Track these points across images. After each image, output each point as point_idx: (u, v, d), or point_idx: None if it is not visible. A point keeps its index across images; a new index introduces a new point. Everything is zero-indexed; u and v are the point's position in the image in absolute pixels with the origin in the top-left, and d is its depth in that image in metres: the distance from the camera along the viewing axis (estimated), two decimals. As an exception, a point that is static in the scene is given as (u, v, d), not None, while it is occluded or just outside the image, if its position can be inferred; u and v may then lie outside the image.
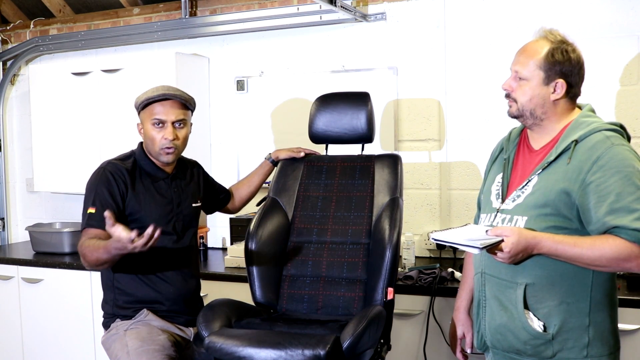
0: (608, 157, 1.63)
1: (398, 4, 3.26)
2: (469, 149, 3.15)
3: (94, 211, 2.15)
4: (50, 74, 3.79)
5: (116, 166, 2.22)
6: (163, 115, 2.20)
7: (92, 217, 2.15)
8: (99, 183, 2.19)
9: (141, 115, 2.26)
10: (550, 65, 1.72)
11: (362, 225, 2.39)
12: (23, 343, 3.54)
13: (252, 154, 3.50)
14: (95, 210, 2.14)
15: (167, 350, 2.13)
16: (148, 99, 2.21)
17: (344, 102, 2.52)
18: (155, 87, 2.25)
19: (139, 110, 2.26)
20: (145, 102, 2.21)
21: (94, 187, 2.20)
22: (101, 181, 2.19)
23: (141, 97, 2.23)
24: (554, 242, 1.63)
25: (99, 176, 2.21)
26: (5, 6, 4.14)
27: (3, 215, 4.25)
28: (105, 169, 2.22)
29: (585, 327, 1.69)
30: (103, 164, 2.25)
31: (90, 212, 2.16)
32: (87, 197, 2.21)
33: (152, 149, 2.24)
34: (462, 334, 2.04)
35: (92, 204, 2.16)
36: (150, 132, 2.22)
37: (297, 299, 2.35)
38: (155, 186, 2.26)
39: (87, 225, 2.15)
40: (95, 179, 2.21)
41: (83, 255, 2.10)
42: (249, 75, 3.57)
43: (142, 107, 2.23)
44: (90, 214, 2.15)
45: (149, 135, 2.22)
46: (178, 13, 3.73)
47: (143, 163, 2.27)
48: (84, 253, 2.09)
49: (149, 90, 2.24)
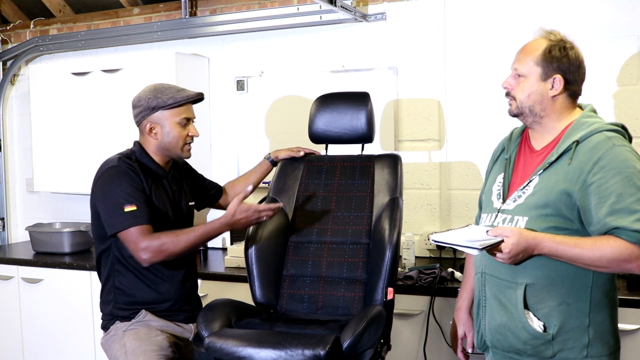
0: (609, 158, 1.63)
1: (398, 4, 3.26)
2: (469, 149, 3.15)
3: (134, 208, 2.11)
4: (50, 74, 3.79)
5: (128, 163, 2.20)
6: (190, 113, 2.26)
7: (136, 215, 2.10)
8: (123, 180, 2.15)
9: (160, 115, 2.21)
10: (548, 62, 1.73)
11: (362, 225, 2.39)
12: (23, 343, 3.54)
13: (252, 154, 3.50)
14: (136, 207, 2.11)
15: (164, 351, 2.13)
16: (186, 98, 2.21)
17: (344, 102, 2.52)
18: (167, 86, 2.24)
19: (159, 109, 2.21)
20: (181, 101, 2.20)
21: (118, 186, 2.14)
22: (124, 177, 2.16)
23: (164, 98, 2.20)
24: (554, 243, 1.63)
25: (119, 174, 2.17)
26: (5, 6, 4.14)
27: (3, 215, 4.25)
28: (119, 167, 2.18)
29: (585, 328, 1.69)
30: (111, 163, 2.20)
31: (132, 210, 2.10)
32: (113, 197, 2.13)
33: (174, 146, 2.24)
34: (463, 334, 2.04)
35: (128, 202, 2.11)
36: (174, 130, 2.22)
37: (297, 299, 2.35)
38: (158, 184, 2.26)
39: (135, 223, 2.10)
40: (116, 177, 2.16)
41: (163, 251, 2.08)
42: (249, 75, 3.57)
43: (169, 107, 2.21)
44: (133, 211, 2.10)
45: (174, 134, 2.22)
46: (178, 13, 3.73)
47: (145, 161, 2.26)
48: (164, 249, 2.08)
49: (170, 90, 2.22)
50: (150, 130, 2.23)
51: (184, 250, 2.14)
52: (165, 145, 2.25)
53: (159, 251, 2.09)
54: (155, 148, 2.26)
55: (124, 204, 2.11)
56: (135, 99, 2.26)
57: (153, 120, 2.22)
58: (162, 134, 2.23)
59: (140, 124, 2.26)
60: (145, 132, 2.25)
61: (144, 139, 2.28)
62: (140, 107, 2.23)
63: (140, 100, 2.23)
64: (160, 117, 2.22)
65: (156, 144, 2.25)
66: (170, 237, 2.11)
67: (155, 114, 2.21)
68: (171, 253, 2.11)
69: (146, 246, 2.08)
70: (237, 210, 2.13)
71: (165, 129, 2.22)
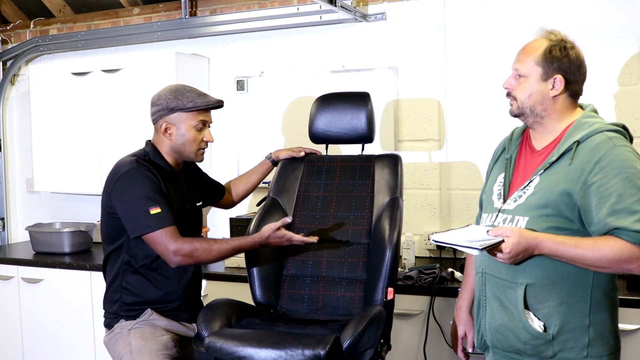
0: (610, 158, 1.63)
1: (398, 4, 3.26)
2: (469, 149, 3.15)
3: (159, 210, 2.10)
4: (50, 74, 3.79)
5: (145, 165, 2.19)
6: (208, 118, 2.27)
7: (162, 217, 2.10)
8: (145, 182, 2.14)
9: (178, 117, 2.20)
10: (548, 62, 1.73)
11: (362, 225, 2.39)
12: (23, 343, 3.54)
13: (252, 154, 3.50)
14: (161, 209, 2.11)
15: (169, 350, 2.13)
16: (206, 104, 2.21)
17: (344, 102, 2.52)
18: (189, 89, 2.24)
19: (178, 111, 2.20)
20: (201, 106, 2.21)
21: (141, 188, 2.13)
22: (146, 180, 2.14)
23: (184, 100, 2.19)
24: (554, 243, 1.63)
25: (140, 176, 2.15)
26: (5, 6, 4.14)
27: (3, 215, 4.25)
28: (138, 168, 2.16)
29: (585, 328, 1.69)
30: (131, 165, 2.18)
31: (157, 212, 2.09)
32: (137, 199, 2.11)
33: (187, 149, 2.24)
34: (464, 334, 2.03)
35: (153, 205, 2.10)
36: (190, 133, 2.22)
37: (297, 299, 2.35)
38: (171, 185, 2.26)
39: (162, 225, 2.09)
40: (137, 179, 2.14)
41: (195, 257, 2.10)
42: (249, 75, 3.57)
43: (188, 110, 2.20)
44: (158, 213, 2.10)
45: (189, 137, 2.22)
46: (178, 13, 3.73)
47: (158, 161, 2.25)
48: (195, 255, 2.10)
49: (191, 93, 2.22)
50: (165, 130, 2.22)
51: (215, 260, 2.18)
52: (178, 147, 2.24)
53: (190, 256, 2.10)
54: (168, 149, 2.25)
55: (149, 206, 2.10)
56: (155, 96, 2.25)
57: (170, 120, 2.21)
58: (176, 136, 2.22)
59: (156, 122, 2.25)
60: (160, 131, 2.24)
61: (158, 138, 2.27)
62: (159, 106, 2.22)
63: (160, 99, 2.22)
64: (177, 119, 2.21)
65: (169, 144, 2.24)
66: (202, 245, 2.13)
67: (173, 115, 2.21)
68: (202, 260, 2.14)
69: (177, 249, 2.08)
70: (272, 235, 2.18)
71: (181, 131, 2.22)
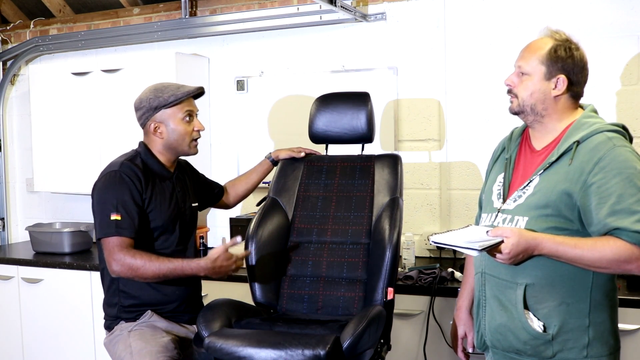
0: (610, 158, 1.63)
1: (398, 4, 3.26)
2: (469, 149, 3.15)
3: (119, 218, 2.10)
4: (50, 74, 3.79)
5: (129, 167, 2.18)
6: (193, 107, 2.27)
7: (119, 225, 2.09)
8: (117, 187, 2.14)
9: (163, 114, 2.21)
10: (553, 61, 1.73)
11: (362, 225, 2.39)
12: (23, 343, 3.54)
13: (252, 154, 3.50)
14: (121, 217, 2.10)
15: (170, 352, 2.13)
16: (186, 93, 2.21)
17: (344, 102, 2.52)
18: (167, 84, 2.24)
19: (162, 108, 2.20)
20: (182, 97, 2.20)
21: (112, 192, 2.13)
22: (120, 185, 2.14)
23: (165, 96, 2.19)
24: (554, 243, 1.63)
25: (115, 180, 2.15)
26: (5, 6, 4.14)
27: (3, 215, 4.25)
28: (119, 171, 2.16)
29: (585, 328, 1.69)
30: (114, 167, 2.19)
31: (116, 219, 2.09)
32: (104, 202, 2.13)
33: (180, 143, 2.24)
34: (464, 334, 2.03)
35: (116, 211, 2.10)
36: (179, 127, 2.22)
37: (297, 299, 2.35)
38: (163, 186, 2.25)
39: (116, 233, 2.09)
40: (112, 182, 2.15)
41: (133, 270, 2.07)
42: (249, 75, 3.57)
43: (171, 105, 2.20)
44: (117, 221, 2.09)
45: (179, 131, 2.22)
46: (178, 13, 3.73)
47: (150, 162, 2.25)
48: (134, 268, 2.07)
49: (169, 88, 2.22)
50: (155, 130, 2.23)
51: (152, 278, 2.12)
52: (171, 144, 2.25)
53: (130, 269, 2.08)
54: (161, 147, 2.26)
55: (112, 211, 2.11)
56: (136, 101, 2.25)
57: (157, 119, 2.22)
58: (167, 132, 2.23)
59: (144, 125, 2.25)
60: (150, 132, 2.24)
61: (149, 139, 2.27)
62: (143, 109, 2.23)
63: (142, 101, 2.23)
64: (164, 116, 2.22)
65: (162, 143, 2.25)
66: (144, 260, 2.09)
67: (159, 113, 2.21)
68: (140, 275, 2.10)
69: (119, 259, 2.08)
70: (221, 257, 2.14)
71: (170, 127, 2.22)
